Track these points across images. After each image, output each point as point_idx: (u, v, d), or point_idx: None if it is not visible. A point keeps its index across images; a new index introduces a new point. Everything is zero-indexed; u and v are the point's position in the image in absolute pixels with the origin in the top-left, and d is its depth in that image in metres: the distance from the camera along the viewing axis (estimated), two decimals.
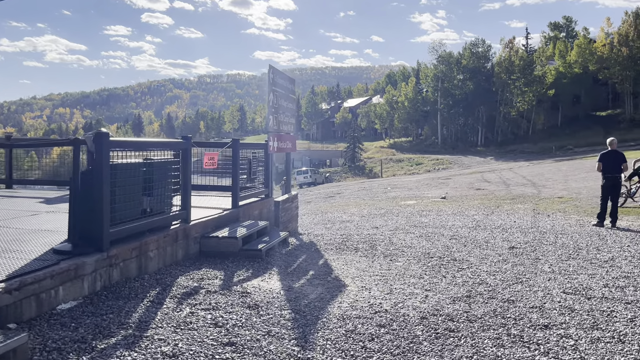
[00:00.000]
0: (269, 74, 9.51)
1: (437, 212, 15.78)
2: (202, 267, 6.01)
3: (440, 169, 58.03)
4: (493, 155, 65.05)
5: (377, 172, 62.70)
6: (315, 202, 25.29)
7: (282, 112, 10.33)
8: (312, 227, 13.91)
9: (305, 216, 18.05)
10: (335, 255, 7.39)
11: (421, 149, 77.59)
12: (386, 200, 21.87)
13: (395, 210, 17.12)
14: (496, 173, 37.36)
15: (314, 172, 56.43)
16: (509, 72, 74.52)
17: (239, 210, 7.98)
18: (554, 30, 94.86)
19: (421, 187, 29.36)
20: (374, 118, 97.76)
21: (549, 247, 8.19)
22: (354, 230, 11.82)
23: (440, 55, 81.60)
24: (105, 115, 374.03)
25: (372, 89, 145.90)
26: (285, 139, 10.57)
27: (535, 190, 22.37)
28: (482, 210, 15.63)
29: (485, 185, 27.12)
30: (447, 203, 18.85)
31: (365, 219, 15.20)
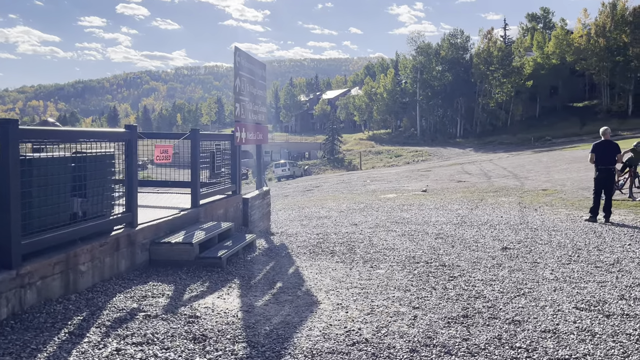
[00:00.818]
0: (235, 57, 8.52)
1: (418, 207, 15.00)
2: (149, 281, 5.06)
3: (420, 160, 57.54)
4: (472, 147, 64.83)
5: (357, 165, 61.94)
6: (293, 196, 24.35)
7: (250, 100, 9.36)
8: (287, 224, 13.00)
9: (282, 212, 17.10)
10: (308, 261, 6.48)
11: (400, 141, 77.05)
12: (365, 194, 21.05)
13: (375, 205, 16.30)
14: (476, 165, 36.87)
15: (292, 165, 55.32)
16: (487, 63, 74.27)
17: (199, 210, 7.00)
18: (531, 21, 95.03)
19: (401, 179, 28.62)
20: (353, 110, 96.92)
21: (545, 248, 7.41)
22: (331, 227, 10.93)
23: (419, 46, 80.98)
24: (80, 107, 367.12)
25: (351, 80, 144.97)
26: (255, 129, 9.60)
27: (517, 182, 21.76)
28: (465, 204, 14.89)
29: (466, 178, 26.49)
30: (428, 196, 18.10)
31: (343, 214, 14.34)
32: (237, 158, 8.62)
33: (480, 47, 78.77)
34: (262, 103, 10.17)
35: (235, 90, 8.49)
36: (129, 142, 5.35)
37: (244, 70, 8.98)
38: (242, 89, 8.80)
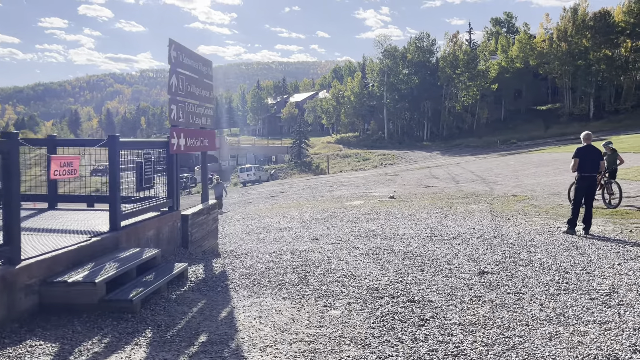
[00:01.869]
0: (170, 51, 7.28)
1: (385, 216, 14.00)
2: (27, 337, 3.83)
3: (388, 164, 56.90)
4: (439, 150, 64.64)
5: (324, 168, 60.90)
6: (256, 203, 23.11)
7: (191, 101, 8.14)
8: (241, 238, 11.80)
9: (239, 222, 15.87)
10: (249, 298, 5.29)
11: (368, 144, 76.40)
12: (331, 201, 19.99)
13: (340, 214, 15.25)
14: (444, 168, 36.29)
15: (258, 170, 53.66)
16: (453, 66, 74.40)
17: (119, 234, 5.76)
18: (495, 25, 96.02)
19: (368, 184, 27.68)
20: (321, 113, 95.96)
21: (527, 271, 6.43)
22: (289, 243, 9.80)
23: (386, 50, 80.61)
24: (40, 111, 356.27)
25: (319, 83, 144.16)
26: (198, 135, 8.38)
27: (486, 187, 21.04)
28: (434, 213, 13.97)
29: (434, 182, 25.73)
30: (395, 203, 17.16)
31: (305, 225, 13.23)
32: (174, 168, 7.38)
33: (446, 50, 78.94)
34: (207, 105, 8.96)
35: (170, 90, 7.25)
36: (7, 154, 4.11)
37: (183, 67, 7.77)
38: (180, 89, 7.58)
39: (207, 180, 8.84)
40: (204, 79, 8.85)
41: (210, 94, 9.08)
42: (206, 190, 8.77)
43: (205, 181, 8.79)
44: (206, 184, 8.82)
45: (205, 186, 8.78)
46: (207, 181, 8.83)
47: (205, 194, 8.78)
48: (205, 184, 8.84)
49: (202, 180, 8.73)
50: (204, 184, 8.76)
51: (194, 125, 8.25)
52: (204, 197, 8.82)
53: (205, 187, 8.77)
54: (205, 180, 8.80)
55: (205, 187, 8.78)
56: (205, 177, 8.86)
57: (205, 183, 8.84)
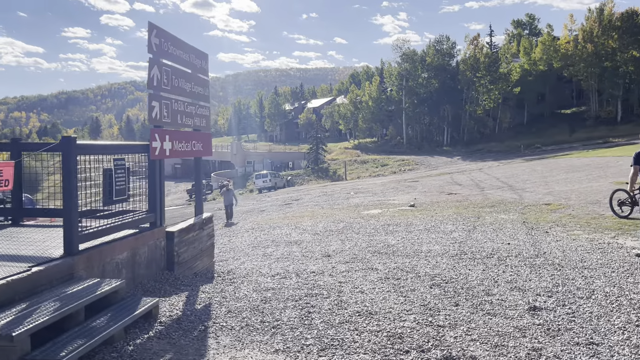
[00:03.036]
0: (150, 39, 6.12)
1: (406, 227, 12.70)
2: None
3: (407, 170, 55.36)
4: (460, 155, 62.85)
5: (341, 175, 59.59)
6: (269, 212, 21.93)
7: (180, 98, 6.96)
8: (246, 254, 10.61)
9: (248, 233, 14.69)
10: (230, 351, 3.92)
11: (386, 150, 74.85)
12: (347, 209, 18.71)
13: (356, 225, 13.98)
14: (466, 174, 34.72)
15: (274, 176, 52.48)
16: (474, 69, 72.60)
17: (74, 261, 4.54)
18: (517, 27, 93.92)
19: (387, 191, 26.32)
20: (338, 118, 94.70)
21: (591, 307, 5.07)
22: (297, 261, 8.57)
23: (404, 53, 79.09)
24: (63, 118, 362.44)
25: (337, 89, 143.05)
26: (189, 137, 7.19)
27: (515, 194, 19.55)
28: (460, 224, 12.62)
29: (457, 189, 24.28)
30: (417, 212, 15.81)
31: (318, 238, 12.00)
32: (157, 177, 6.20)
33: (466, 53, 77.20)
34: (202, 103, 7.78)
35: (150, 84, 6.07)
36: None
37: (168, 57, 6.59)
38: (165, 83, 6.40)
39: (200, 190, 7.66)
40: (198, 74, 7.68)
41: (206, 91, 7.90)
42: (200, 203, 7.58)
43: (199, 192, 7.60)
44: (200, 195, 7.64)
45: (198, 198, 7.60)
46: (200, 192, 7.65)
47: (198, 206, 7.59)
48: (199, 195, 7.66)
49: (196, 191, 7.55)
50: (197, 194, 7.58)
51: (184, 127, 7.07)
52: (198, 210, 7.62)
53: (198, 199, 7.59)
54: (199, 190, 7.61)
55: (199, 198, 7.59)
56: (199, 187, 7.67)
57: (199, 194, 7.66)
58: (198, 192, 7.56)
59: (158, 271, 6.10)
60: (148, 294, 5.33)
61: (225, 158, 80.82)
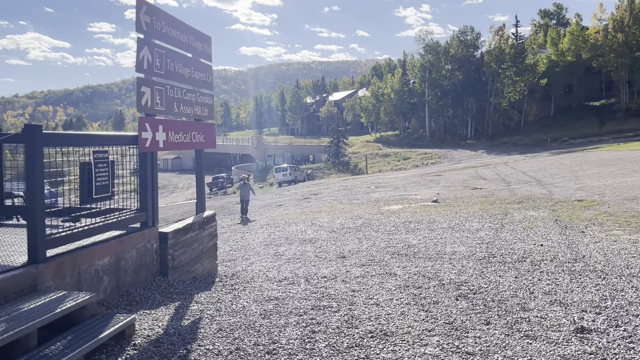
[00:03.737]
0: (138, 16, 5.44)
1: (428, 225, 11.92)
2: None
3: (429, 163, 54.20)
4: (484, 149, 61.33)
5: (362, 168, 58.68)
6: (286, 206, 21.32)
7: (177, 85, 6.30)
8: (257, 253, 10.00)
9: (263, 230, 14.09)
10: None
11: (408, 143, 73.58)
12: (367, 205, 17.97)
13: (376, 222, 13.25)
14: (491, 168, 33.60)
15: (294, 170, 51.76)
16: (499, 61, 70.72)
17: (38, 270, 3.88)
18: (544, 17, 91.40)
19: (408, 185, 25.47)
20: (360, 111, 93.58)
21: None
22: (308, 263, 7.91)
23: (427, 45, 77.49)
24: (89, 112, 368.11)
25: (358, 82, 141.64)
26: (188, 128, 6.53)
27: (543, 190, 18.55)
28: (487, 222, 11.79)
29: (481, 184, 23.31)
30: (440, 209, 15.00)
31: (334, 236, 11.32)
32: (148, 172, 5.55)
33: (491, 44, 75.30)
34: (203, 91, 7.11)
35: (140, 67, 5.41)
36: None
37: (162, 38, 5.93)
38: (157, 67, 5.74)
39: (202, 186, 7.00)
40: (200, 59, 7.01)
41: (209, 78, 7.23)
42: (201, 199, 6.93)
43: (200, 188, 6.95)
44: (202, 191, 6.98)
45: (200, 194, 6.94)
46: (202, 188, 6.99)
47: (200, 203, 6.93)
48: (201, 191, 7.00)
49: (197, 187, 6.90)
50: (198, 190, 6.92)
51: (183, 116, 6.41)
52: (199, 207, 6.97)
53: (200, 195, 6.93)
54: (200, 187, 6.95)
55: (200, 194, 6.94)
56: (200, 182, 7.01)
57: (201, 190, 7.00)
58: (200, 187, 6.91)
59: (149, 277, 5.47)
60: (133, 305, 4.70)
61: (245, 151, 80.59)
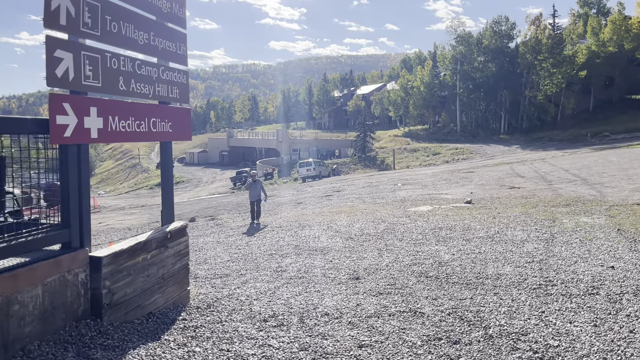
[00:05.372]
0: None
1: (463, 233, 10.09)
2: None
3: (460, 159, 51.77)
4: (519, 144, 58.44)
5: (389, 164, 56.59)
6: (305, 205, 19.66)
7: (120, 51, 4.62)
8: (255, 268, 8.37)
9: (273, 234, 12.43)
10: None
11: (438, 138, 71.00)
12: (392, 205, 16.17)
13: (400, 227, 11.47)
14: (528, 165, 31.25)
15: (318, 164, 49.92)
16: (535, 52, 67.38)
17: None
18: (583, 6, 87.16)
19: (438, 183, 23.50)
20: (388, 105, 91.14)
21: None
22: (310, 288, 6.26)
23: (460, 35, 74.50)
24: None
25: (387, 75, 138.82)
26: (140, 112, 4.86)
27: (592, 190, 16.39)
28: (533, 230, 9.90)
29: (519, 182, 21.19)
30: (475, 211, 13.11)
31: (350, 245, 9.61)
32: (73, 172, 3.91)
33: (527, 34, 71.92)
34: (173, 65, 5.43)
35: (53, 20, 3.75)
36: None
37: None
38: (85, 24, 4.08)
39: (169, 189, 5.34)
40: (166, 22, 5.34)
41: (181, 49, 5.55)
42: (168, 207, 5.27)
43: (166, 190, 5.29)
44: (169, 196, 5.32)
45: (166, 201, 5.28)
46: (170, 191, 5.34)
47: (167, 213, 5.26)
48: (168, 194, 5.34)
49: (163, 190, 5.24)
50: (164, 195, 5.27)
51: (137, 97, 4.74)
52: (166, 218, 5.29)
53: (167, 202, 5.27)
54: (167, 189, 5.29)
55: (167, 201, 5.28)
56: (166, 184, 5.35)
57: (168, 192, 5.34)
58: (166, 191, 5.24)
59: (70, 322, 3.85)
60: None
61: (270, 145, 79.28)
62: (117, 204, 44.23)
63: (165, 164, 5.33)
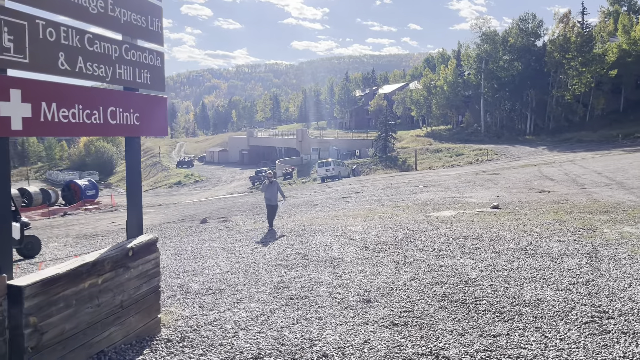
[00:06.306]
0: None
1: (491, 243, 8.97)
2: None
3: (485, 160, 50.15)
4: (545, 145, 56.48)
5: (411, 164, 55.21)
6: (321, 207, 18.63)
7: (61, 19, 3.65)
8: (254, 282, 7.41)
9: (282, 240, 11.44)
10: None
11: (462, 138, 69.26)
12: (413, 209, 15.05)
13: (421, 235, 10.38)
14: (556, 167, 29.71)
15: (337, 164, 48.80)
16: (563, 50, 65.17)
17: None
18: (614, 4, 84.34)
19: (462, 185, 22.25)
20: (410, 104, 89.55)
21: None
22: (309, 318, 5.28)
23: (485, 34, 72.60)
24: None
25: (410, 74, 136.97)
26: (92, 100, 3.88)
27: (631, 195, 15.04)
28: (571, 241, 8.73)
29: (548, 185, 19.84)
30: (502, 218, 11.93)
31: (364, 256, 8.58)
32: None
33: (554, 32, 69.66)
34: (142, 44, 4.45)
35: None
36: None
37: None
38: None
39: (137, 194, 4.38)
40: None
41: (154, 24, 4.57)
42: (135, 216, 4.30)
43: (133, 196, 4.32)
44: (137, 201, 4.35)
45: (132, 206, 4.30)
46: (137, 196, 4.37)
47: (133, 222, 4.29)
48: (136, 201, 4.36)
49: (128, 195, 4.27)
50: (129, 200, 4.30)
51: (87, 79, 3.75)
52: (131, 229, 4.31)
53: (132, 208, 4.29)
54: (133, 194, 4.32)
55: (133, 207, 4.30)
56: (133, 189, 4.37)
57: (136, 199, 4.36)
58: (133, 197, 4.26)
59: None
60: None
61: (290, 145, 78.44)
62: None
63: (132, 165, 4.35)
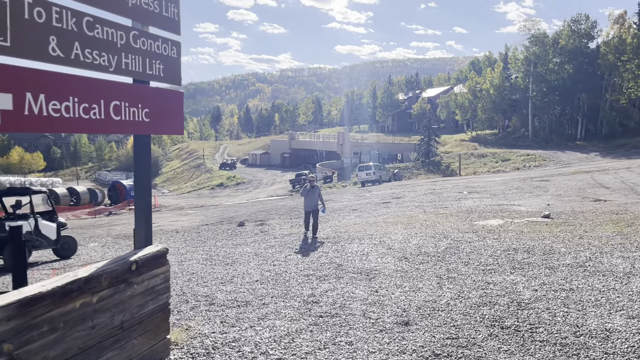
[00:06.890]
0: None
1: (544, 258, 8.16)
2: None
3: (532, 166, 48.22)
4: (598, 151, 53.90)
5: (455, 169, 53.70)
6: (360, 212, 18.01)
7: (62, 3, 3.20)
8: (283, 295, 6.94)
9: (318, 248, 10.90)
10: None
11: (508, 143, 67.00)
12: (457, 217, 14.23)
13: (466, 246, 9.63)
14: (611, 174, 28.04)
15: (378, 169, 47.87)
16: (618, 52, 62.15)
17: None
18: None
19: (509, 192, 21.15)
20: (455, 108, 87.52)
21: None
22: (337, 344, 4.69)
23: (534, 35, 70.08)
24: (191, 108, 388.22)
25: (455, 78, 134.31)
26: (90, 92, 3.42)
27: None
28: (637, 257, 7.90)
29: (604, 193, 18.56)
30: (555, 229, 11.00)
31: (403, 268, 7.94)
32: None
33: (609, 34, 66.62)
34: (155, 32, 3.99)
35: None
36: None
37: None
38: None
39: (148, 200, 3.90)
40: None
41: (169, 10, 4.08)
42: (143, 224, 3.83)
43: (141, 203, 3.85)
44: (146, 208, 3.88)
45: (140, 214, 3.83)
46: (147, 202, 3.90)
47: (141, 233, 3.82)
48: (144, 208, 3.89)
49: (136, 201, 3.81)
50: (137, 207, 3.83)
51: (88, 68, 3.29)
52: (140, 239, 3.84)
53: (141, 216, 3.83)
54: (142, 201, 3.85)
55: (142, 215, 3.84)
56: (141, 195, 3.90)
57: (144, 206, 3.89)
58: (141, 204, 3.79)
59: None
60: None
61: (331, 148, 77.95)
62: (177, 203, 44.35)
63: (141, 167, 3.87)
